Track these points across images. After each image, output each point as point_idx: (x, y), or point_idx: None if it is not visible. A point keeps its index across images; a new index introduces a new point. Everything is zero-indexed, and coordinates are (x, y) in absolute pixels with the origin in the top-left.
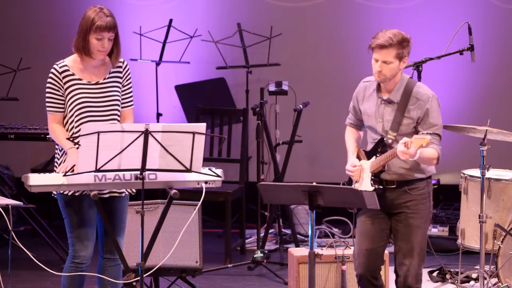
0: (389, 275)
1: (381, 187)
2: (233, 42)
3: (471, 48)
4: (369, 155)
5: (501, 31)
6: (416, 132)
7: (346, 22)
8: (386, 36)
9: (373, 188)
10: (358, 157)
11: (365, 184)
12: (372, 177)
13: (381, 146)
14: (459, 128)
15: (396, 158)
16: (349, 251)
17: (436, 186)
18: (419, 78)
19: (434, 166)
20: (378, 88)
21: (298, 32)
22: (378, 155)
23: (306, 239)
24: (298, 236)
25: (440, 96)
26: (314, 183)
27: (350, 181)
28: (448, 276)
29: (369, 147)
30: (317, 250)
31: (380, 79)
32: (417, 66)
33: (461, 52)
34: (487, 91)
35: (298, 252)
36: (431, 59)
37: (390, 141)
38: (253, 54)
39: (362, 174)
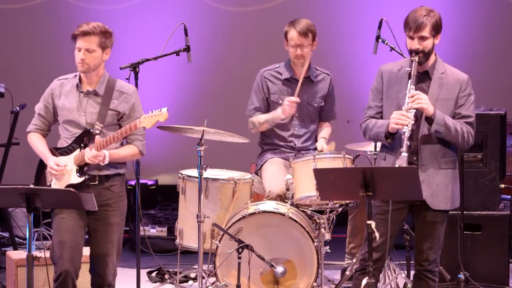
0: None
1: (88, 177)
2: None
3: (187, 49)
4: (67, 151)
5: (216, 32)
6: (120, 125)
7: (62, 23)
8: (90, 25)
9: (83, 178)
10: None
11: (68, 178)
12: (77, 169)
13: (87, 138)
14: (177, 129)
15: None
16: None
17: (154, 187)
18: (136, 79)
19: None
20: (80, 83)
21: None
22: (83, 145)
23: (24, 242)
24: (16, 239)
25: (157, 97)
26: (31, 186)
27: (37, 180)
28: (167, 276)
29: (64, 144)
30: (36, 253)
31: (84, 68)
32: (134, 67)
33: (177, 53)
34: (204, 92)
35: (16, 255)
36: (147, 60)
37: (98, 131)
38: None
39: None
